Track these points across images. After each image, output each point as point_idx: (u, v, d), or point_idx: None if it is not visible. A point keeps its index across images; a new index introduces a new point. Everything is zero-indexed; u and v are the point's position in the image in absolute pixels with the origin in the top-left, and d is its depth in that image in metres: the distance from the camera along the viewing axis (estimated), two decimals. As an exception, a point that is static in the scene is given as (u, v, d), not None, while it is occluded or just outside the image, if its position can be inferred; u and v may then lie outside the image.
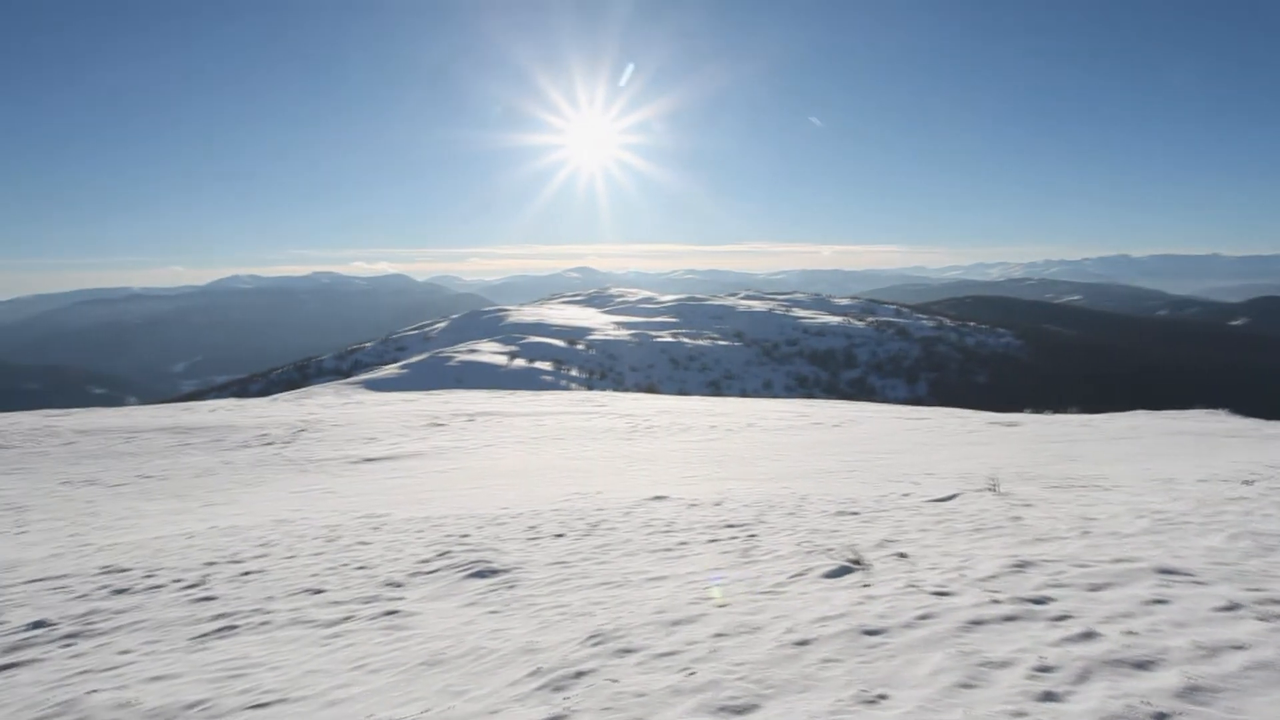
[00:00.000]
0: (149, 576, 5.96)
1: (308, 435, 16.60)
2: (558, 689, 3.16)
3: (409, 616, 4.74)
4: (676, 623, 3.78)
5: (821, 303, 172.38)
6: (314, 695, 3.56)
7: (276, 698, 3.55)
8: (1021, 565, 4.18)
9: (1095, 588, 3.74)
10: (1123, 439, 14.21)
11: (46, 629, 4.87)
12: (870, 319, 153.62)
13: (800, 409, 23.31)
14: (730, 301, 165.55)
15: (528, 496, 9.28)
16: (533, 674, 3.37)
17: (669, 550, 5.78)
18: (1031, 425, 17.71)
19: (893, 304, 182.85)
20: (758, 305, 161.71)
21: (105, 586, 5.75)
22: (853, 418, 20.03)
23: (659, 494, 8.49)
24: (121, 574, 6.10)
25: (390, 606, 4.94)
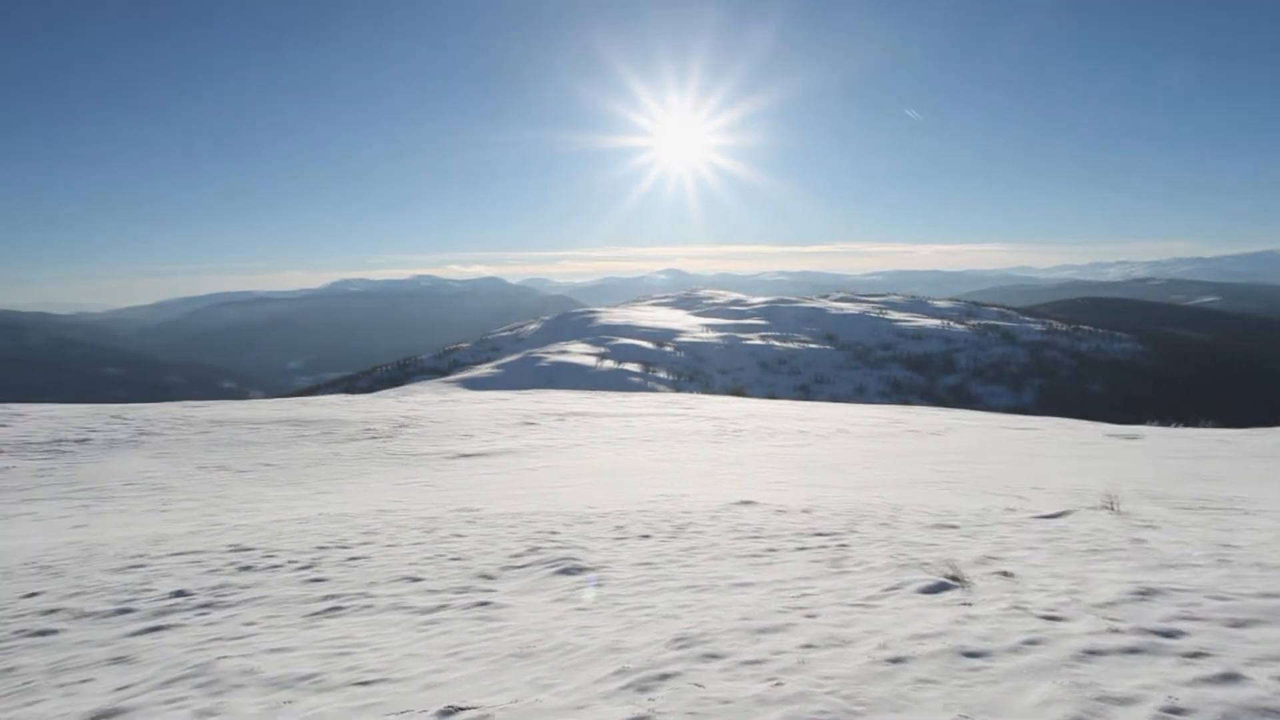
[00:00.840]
0: (269, 556, 6.44)
1: (408, 431, 17.43)
2: (643, 689, 3.19)
3: (500, 609, 4.90)
4: (763, 630, 3.73)
5: (918, 305, 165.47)
6: (412, 677, 3.75)
7: (379, 677, 3.76)
8: (1146, 593, 3.87)
9: (1237, 624, 3.41)
10: (1269, 457, 12.92)
11: (185, 598, 5.35)
12: (972, 322, 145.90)
13: (894, 415, 22.50)
14: (821, 304, 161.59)
15: (615, 496, 9.40)
16: (618, 673, 3.41)
17: (756, 556, 5.72)
18: (1155, 439, 16.39)
19: (996, 306, 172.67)
20: (850, 307, 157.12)
21: (233, 563, 6.26)
22: (951, 426, 19.16)
23: (746, 499, 8.41)
24: (246, 553, 6.61)
25: (483, 598, 5.13)
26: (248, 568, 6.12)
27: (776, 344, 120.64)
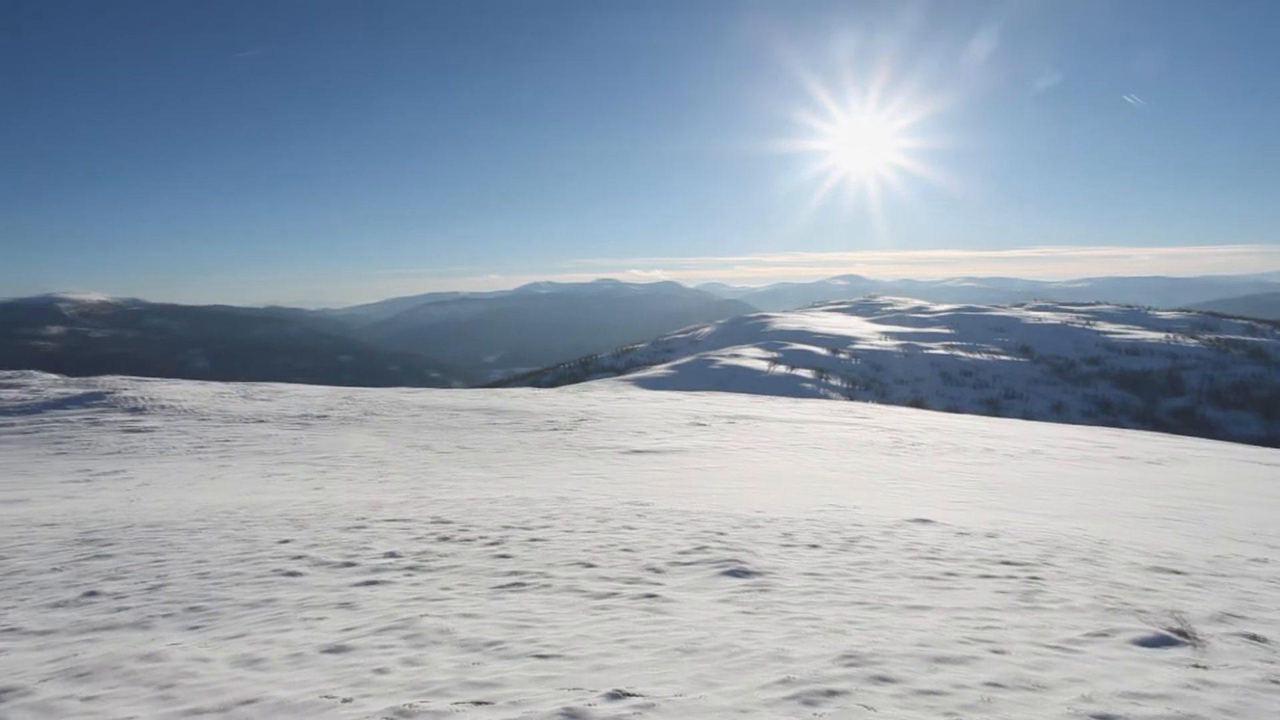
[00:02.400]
0: (463, 531, 7.12)
1: (587, 425, 18.34)
2: (808, 703, 3.15)
3: (667, 602, 5.04)
4: (941, 660, 3.53)
5: (1136, 315, 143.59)
6: (584, 658, 3.98)
7: (554, 652, 4.04)
8: None
9: None
10: None
11: (396, 559, 6.09)
12: (1207, 336, 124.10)
13: (1102, 438, 19.98)
14: (1015, 312, 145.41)
15: (783, 503, 9.26)
16: (783, 682, 3.40)
17: (933, 579, 5.39)
18: None
19: (1242, 319, 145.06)
20: (1050, 317, 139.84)
21: (434, 533, 7.00)
22: (1176, 455, 16.66)
23: (923, 516, 7.93)
24: (445, 525, 7.36)
25: (650, 590, 5.30)
26: (446, 538, 6.81)
27: (962, 354, 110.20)
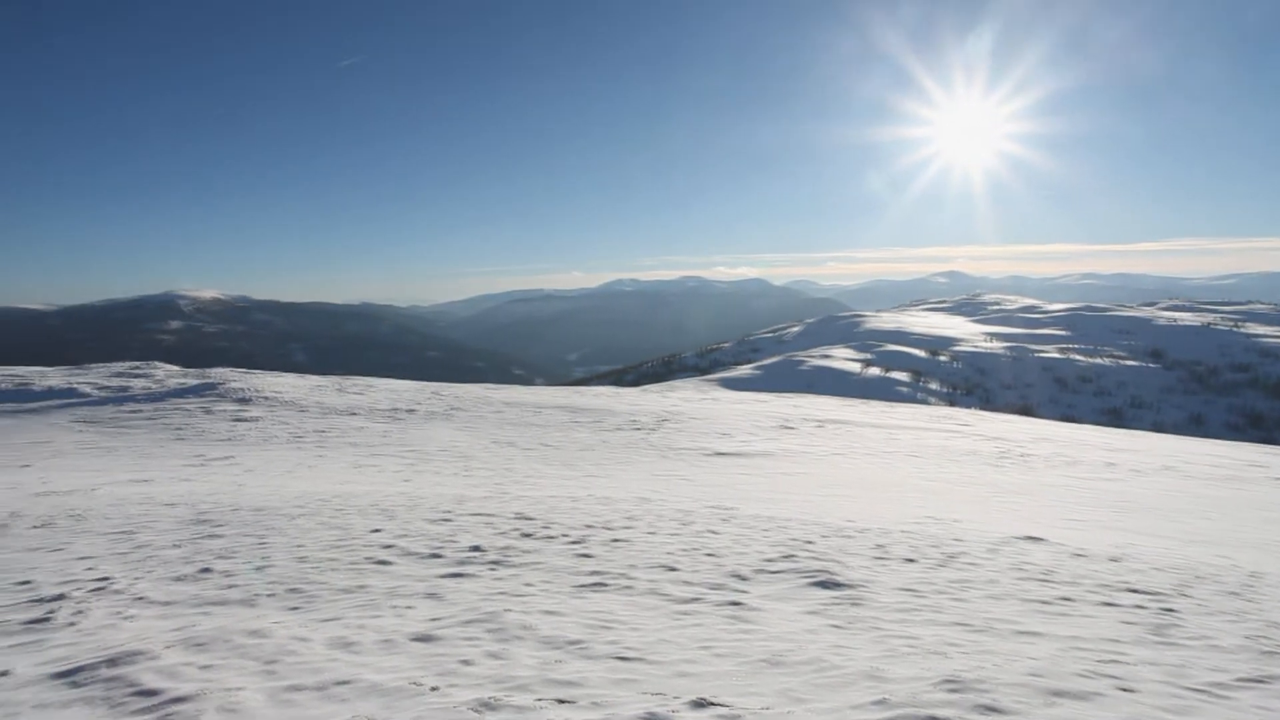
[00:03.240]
0: (546, 528, 7.17)
1: (670, 425, 18.26)
2: (906, 727, 2.94)
3: (752, 611, 4.88)
4: (1058, 693, 3.22)
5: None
6: (666, 662, 3.89)
7: (636, 655, 3.96)
8: None
9: None
10: None
11: (480, 553, 6.19)
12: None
13: (1252, 456, 18.16)
14: (1145, 312, 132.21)
15: (875, 513, 8.87)
16: (878, 703, 3.19)
17: (1046, 603, 4.98)
18: None
19: None
20: (1186, 317, 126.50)
21: (518, 529, 7.09)
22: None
23: (1033, 534, 7.39)
24: (528, 521, 7.45)
25: (735, 598, 5.15)
26: (529, 535, 6.88)
27: (1080, 358, 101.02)
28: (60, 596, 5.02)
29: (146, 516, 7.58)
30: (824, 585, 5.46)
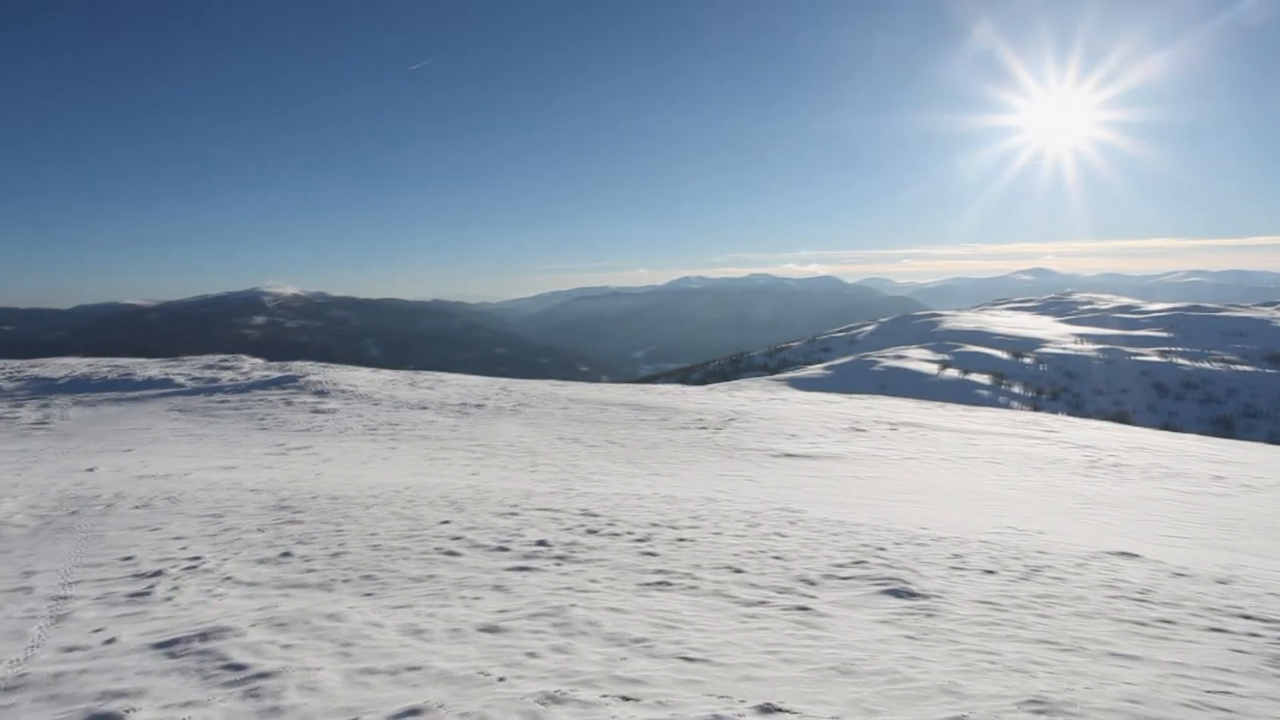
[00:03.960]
0: (611, 525, 7.19)
1: (736, 425, 18.07)
2: (986, 748, 2.79)
3: (820, 617, 4.75)
4: (1156, 722, 3.00)
5: None
6: (732, 665, 3.82)
7: (702, 656, 3.91)
8: None
9: None
10: None
11: (546, 548, 6.26)
12: None
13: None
14: (1263, 313, 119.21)
15: (952, 520, 8.52)
16: (956, 720, 3.04)
17: (1142, 625, 4.65)
18: None
19: None
20: None
21: (583, 525, 7.13)
22: None
23: (1127, 550, 6.94)
24: (593, 518, 7.49)
25: (803, 602, 5.03)
26: (594, 531, 6.91)
27: (1184, 362, 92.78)
28: (158, 573, 5.35)
29: (233, 501, 8.01)
30: (897, 594, 5.27)
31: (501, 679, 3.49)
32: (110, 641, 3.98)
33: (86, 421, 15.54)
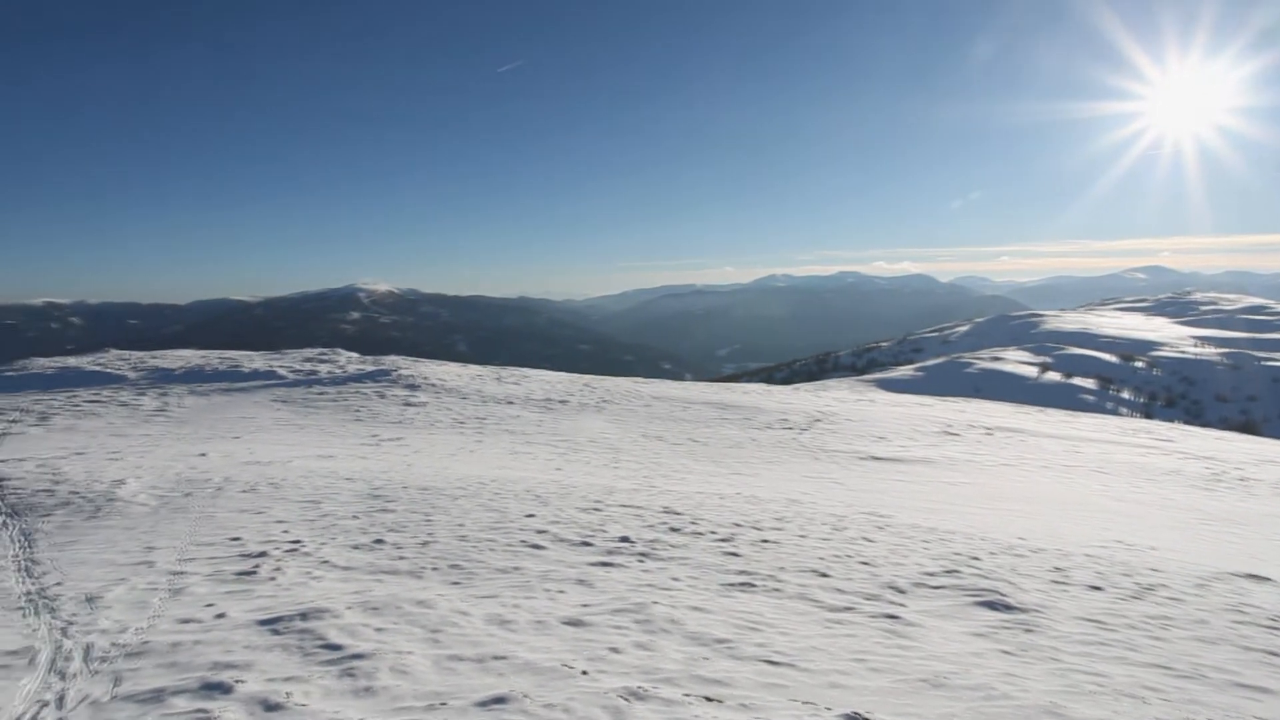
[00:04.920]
0: (693, 524, 7.16)
1: (822, 426, 17.66)
2: (1093, 776, 2.60)
3: (910, 626, 4.58)
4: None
5: None
6: (817, 671, 3.73)
7: (786, 660, 3.84)
8: None
9: None
10: None
11: (628, 544, 6.29)
12: None
13: None
14: None
15: (1052, 532, 8.04)
16: (1059, 744, 2.85)
17: (1274, 655, 4.24)
18: None
19: None
20: None
21: (665, 523, 7.14)
22: None
23: (1256, 572, 6.35)
24: (676, 516, 7.48)
25: (891, 610, 4.86)
26: (676, 529, 6.90)
27: None
28: (262, 554, 5.71)
29: (330, 488, 8.46)
30: (992, 606, 5.01)
31: (584, 672, 3.53)
32: (220, 616, 4.28)
33: (199, 410, 16.80)
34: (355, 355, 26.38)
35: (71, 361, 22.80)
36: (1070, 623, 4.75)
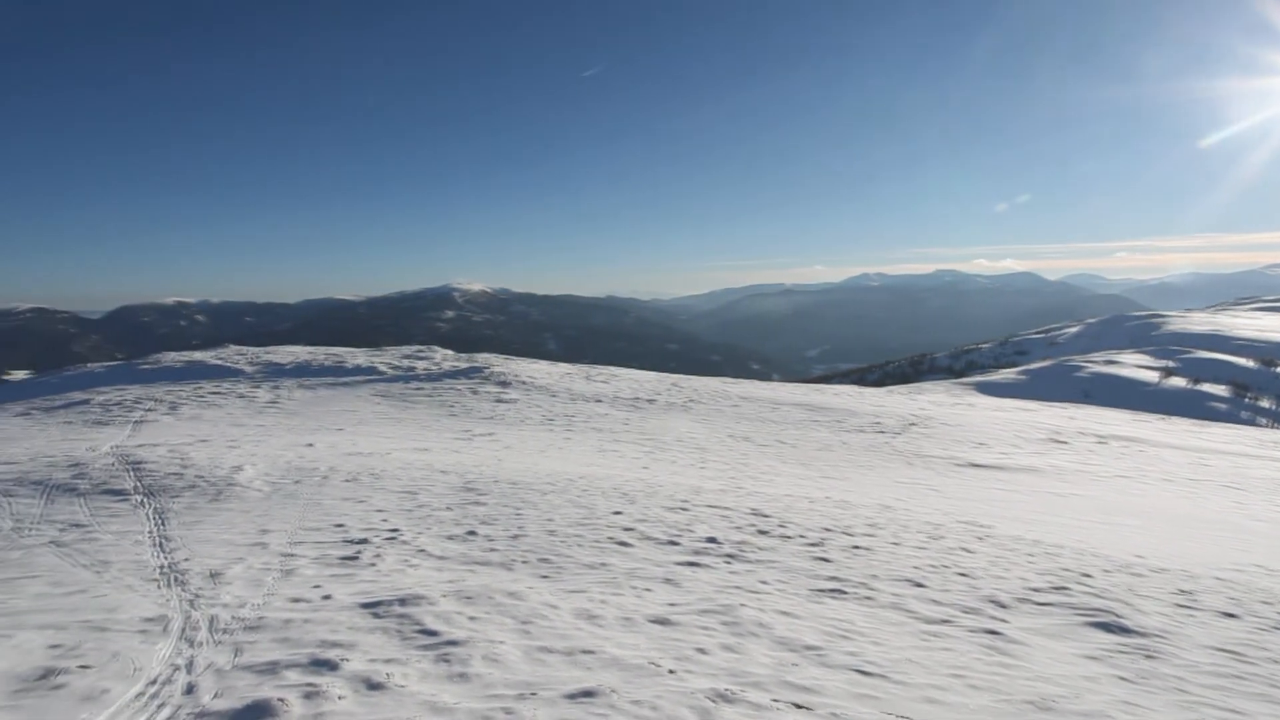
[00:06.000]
0: (782, 527, 7.03)
1: (917, 430, 16.98)
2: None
3: (1013, 643, 4.32)
4: None
5: None
6: (912, 685, 3.57)
7: (878, 671, 3.70)
8: None
9: None
10: None
11: (716, 545, 6.25)
12: None
13: None
14: None
15: (1176, 551, 7.41)
16: (1188, 782, 2.61)
17: None
18: None
19: None
20: None
21: (753, 525, 7.04)
22: None
23: None
24: (764, 519, 7.36)
25: (992, 626, 4.61)
26: (764, 532, 6.79)
27: None
28: (364, 540, 6.02)
29: (425, 480, 8.81)
30: (1106, 628, 4.67)
31: (671, 671, 3.52)
32: (327, 598, 4.53)
33: (307, 402, 17.90)
34: (450, 353, 27.44)
35: (197, 356, 24.84)
36: (1199, 652, 4.36)
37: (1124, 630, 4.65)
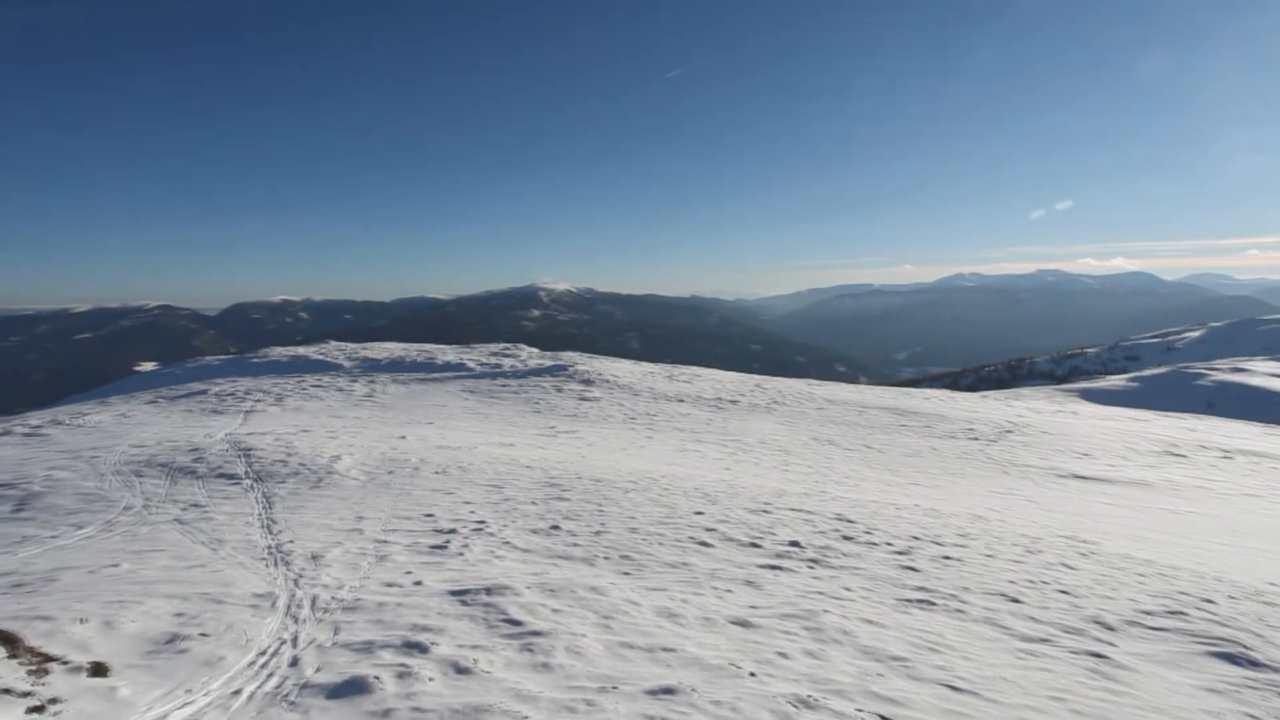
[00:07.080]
0: (868, 534, 6.82)
1: (1014, 437, 16.12)
2: None
3: (1120, 669, 4.04)
4: None
5: None
6: (1006, 704, 3.40)
7: (969, 688, 3.54)
8: None
9: None
10: None
11: (798, 549, 6.14)
12: None
13: None
14: None
15: (1317, 578, 6.72)
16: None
17: None
18: None
19: None
20: None
21: (837, 530, 6.87)
22: None
23: None
24: (849, 524, 7.17)
25: (1097, 648, 4.32)
26: (849, 538, 6.61)
27: None
28: (452, 530, 6.24)
29: (511, 474, 9.06)
30: (1232, 659, 4.29)
31: (752, 674, 3.49)
32: (418, 584, 4.72)
33: (400, 396, 18.72)
34: (535, 351, 28.09)
35: (301, 351, 26.46)
36: (1342, 691, 3.95)
37: (1253, 664, 4.27)
